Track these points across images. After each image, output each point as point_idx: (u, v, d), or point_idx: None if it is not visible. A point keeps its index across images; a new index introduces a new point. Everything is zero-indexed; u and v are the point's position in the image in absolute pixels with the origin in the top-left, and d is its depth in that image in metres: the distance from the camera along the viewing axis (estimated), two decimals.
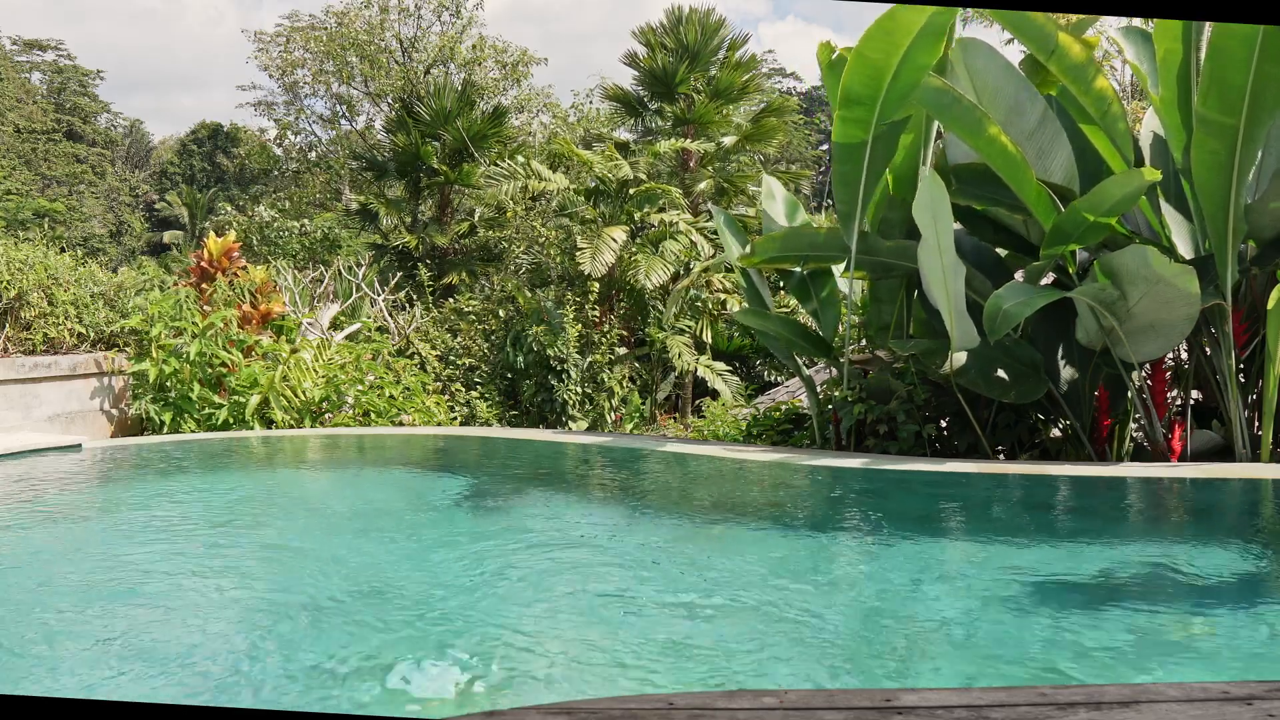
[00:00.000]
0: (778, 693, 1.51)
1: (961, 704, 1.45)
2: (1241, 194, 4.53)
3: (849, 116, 5.13)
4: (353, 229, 16.93)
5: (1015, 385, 5.01)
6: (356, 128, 23.23)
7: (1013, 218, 5.38)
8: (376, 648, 2.19)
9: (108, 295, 7.84)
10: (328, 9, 23.03)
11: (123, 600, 2.62)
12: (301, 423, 7.05)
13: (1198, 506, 4.03)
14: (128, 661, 2.15)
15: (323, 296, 10.71)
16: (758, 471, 4.68)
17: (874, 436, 5.42)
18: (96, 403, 7.14)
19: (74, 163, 36.76)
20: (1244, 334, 4.87)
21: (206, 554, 3.15)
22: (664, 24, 13.03)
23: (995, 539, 3.36)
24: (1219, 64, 4.24)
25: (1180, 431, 4.89)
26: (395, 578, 2.82)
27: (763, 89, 14.73)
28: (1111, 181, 4.47)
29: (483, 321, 10.02)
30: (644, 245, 10.01)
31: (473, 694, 1.93)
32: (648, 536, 3.43)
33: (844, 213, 5.45)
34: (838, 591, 2.71)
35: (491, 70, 21.01)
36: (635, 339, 10.09)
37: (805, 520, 3.86)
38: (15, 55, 37.07)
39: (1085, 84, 4.86)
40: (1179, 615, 2.50)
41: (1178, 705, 1.44)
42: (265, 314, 7.68)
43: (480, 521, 3.69)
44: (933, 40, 4.80)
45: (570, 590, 2.74)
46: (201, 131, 41.86)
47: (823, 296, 6.03)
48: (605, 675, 2.06)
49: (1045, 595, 2.61)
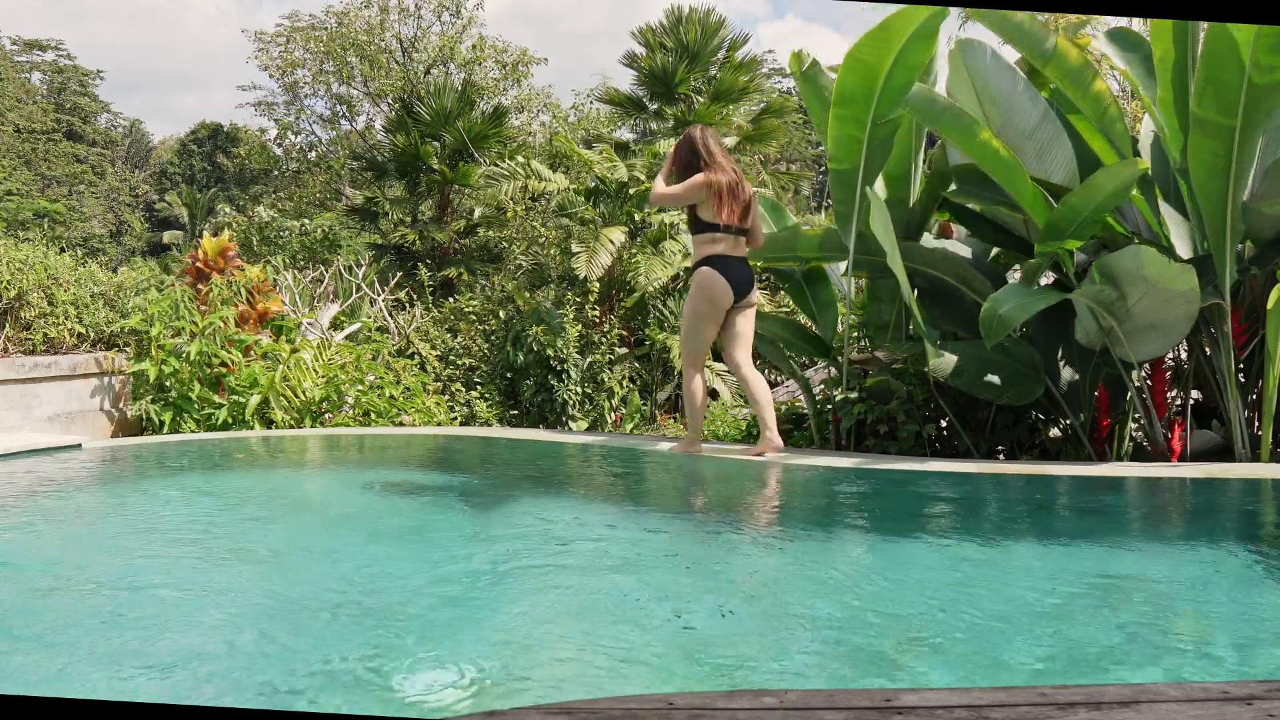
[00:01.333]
0: (778, 693, 1.51)
1: (961, 704, 1.45)
2: (1240, 194, 4.54)
3: (844, 115, 5.14)
4: (353, 229, 16.93)
5: (1013, 386, 5.01)
6: (356, 128, 23.24)
7: (1013, 217, 5.38)
8: (377, 647, 2.19)
9: (108, 295, 7.85)
10: (328, 9, 23.05)
11: (123, 600, 2.62)
12: (301, 423, 7.05)
13: (1198, 506, 4.03)
14: (128, 661, 2.15)
15: (323, 296, 10.71)
16: (755, 471, 4.68)
17: (874, 436, 5.43)
18: (96, 403, 7.15)
19: (74, 163, 36.77)
20: (1243, 334, 4.88)
21: (207, 553, 3.15)
22: (664, 24, 13.02)
23: (994, 539, 3.36)
24: (1214, 65, 4.25)
25: (1180, 431, 4.90)
26: (396, 577, 2.82)
27: (763, 89, 14.73)
28: (1102, 174, 4.48)
29: (483, 321, 10.02)
30: (644, 245, 10.01)
31: (473, 694, 1.93)
32: (644, 533, 3.43)
33: (841, 213, 5.45)
34: (837, 591, 2.71)
35: (491, 70, 21.01)
36: (635, 339, 10.09)
37: (803, 518, 3.86)
38: (15, 55, 37.08)
39: (1083, 87, 4.87)
40: (1179, 615, 2.50)
41: (1178, 705, 1.45)
42: (263, 313, 7.69)
43: (481, 520, 3.70)
44: (925, 41, 4.83)
45: (571, 589, 2.74)
46: (201, 131, 41.87)
47: (821, 297, 6.04)
48: (607, 675, 2.07)
49: (1045, 594, 2.61)
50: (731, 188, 4.83)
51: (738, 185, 4.85)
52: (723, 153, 4.91)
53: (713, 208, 4.84)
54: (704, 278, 4.90)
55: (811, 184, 24.92)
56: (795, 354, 6.14)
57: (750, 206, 4.95)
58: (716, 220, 4.85)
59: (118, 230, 37.87)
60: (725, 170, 4.83)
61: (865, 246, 5.46)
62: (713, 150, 4.87)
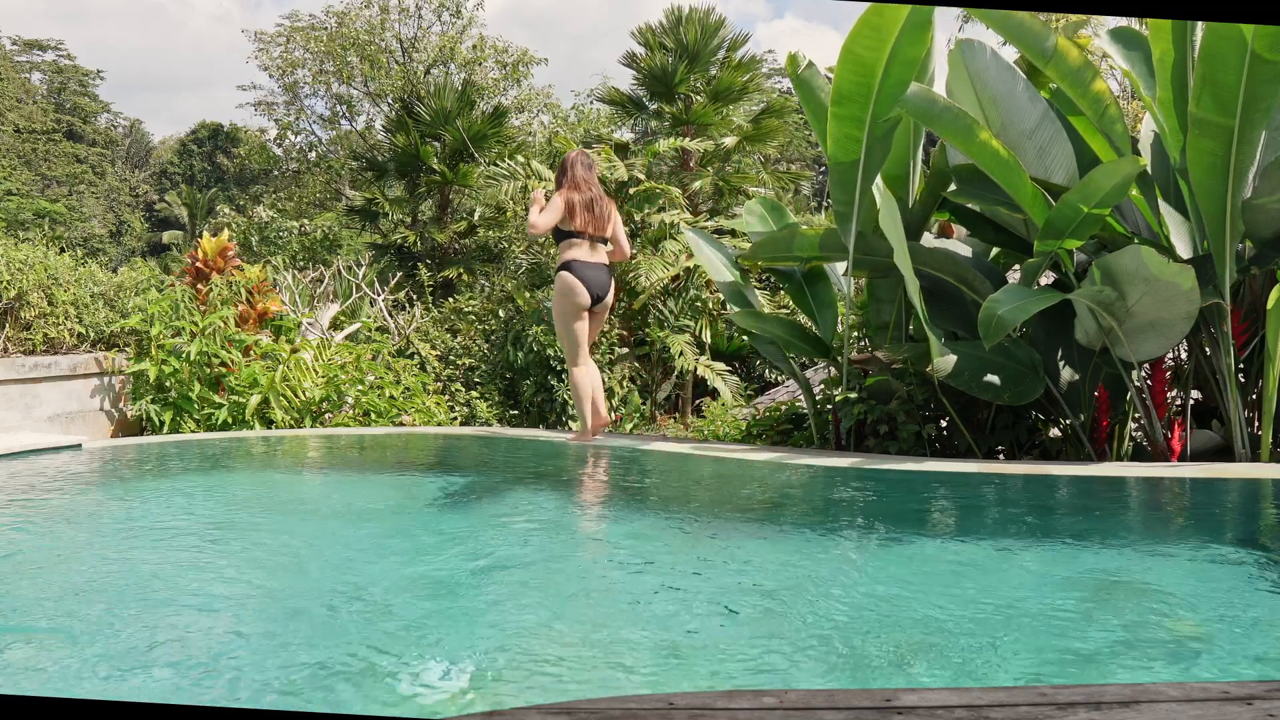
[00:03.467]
0: (778, 693, 1.51)
1: (961, 704, 1.45)
2: (1239, 193, 4.54)
3: (842, 114, 5.13)
4: (353, 229, 16.94)
5: (1013, 386, 5.01)
6: (356, 128, 23.23)
7: (1013, 217, 5.38)
8: (377, 647, 2.19)
9: (107, 295, 7.85)
10: (328, 9, 23.05)
11: (123, 599, 2.62)
12: (301, 423, 7.05)
13: (1197, 506, 4.03)
14: (128, 661, 2.15)
15: (322, 296, 10.71)
16: (752, 470, 4.69)
17: (874, 436, 5.43)
18: (96, 402, 7.15)
19: (74, 163, 36.76)
20: (1243, 334, 4.88)
21: (208, 553, 3.16)
22: (664, 24, 13.02)
23: (994, 539, 3.36)
24: (1212, 65, 4.25)
25: (1180, 431, 4.90)
26: (395, 577, 2.82)
27: (763, 89, 14.73)
28: (1099, 171, 4.48)
29: (483, 321, 10.02)
30: (643, 245, 10.01)
31: (473, 694, 1.93)
32: (644, 533, 3.43)
33: (841, 213, 5.45)
34: (838, 590, 2.71)
35: (491, 70, 21.01)
36: (635, 339, 10.09)
37: (803, 518, 3.86)
38: (15, 55, 37.07)
39: (1083, 87, 4.86)
40: (1178, 615, 2.50)
41: (1178, 705, 1.45)
42: (263, 313, 7.69)
43: (481, 520, 3.70)
44: (918, 32, 4.82)
45: (570, 589, 2.74)
46: (201, 131, 41.85)
47: (821, 297, 6.04)
48: (607, 674, 2.07)
49: (1044, 594, 2.61)
50: (586, 203, 5.50)
51: (593, 202, 5.53)
52: (585, 175, 5.56)
53: (571, 219, 5.50)
54: (561, 282, 5.53)
55: (811, 184, 24.93)
56: (795, 354, 6.14)
57: (609, 220, 5.60)
58: (573, 228, 5.50)
59: (118, 230, 37.87)
60: (583, 189, 5.51)
61: (865, 246, 5.46)
62: (576, 174, 5.55)
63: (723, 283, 6.31)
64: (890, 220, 4.92)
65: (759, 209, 6.44)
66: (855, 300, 6.59)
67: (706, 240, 6.55)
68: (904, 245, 4.85)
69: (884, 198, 5.06)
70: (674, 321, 9.73)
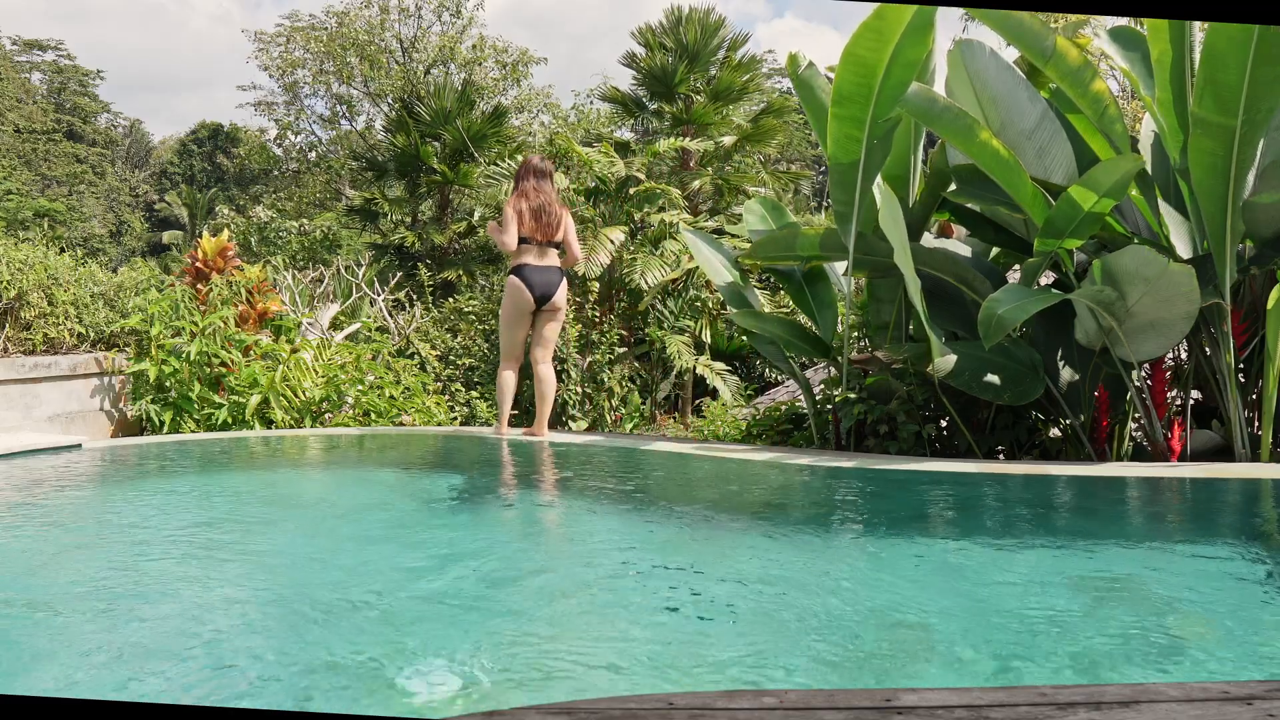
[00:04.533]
0: (778, 693, 1.51)
1: (961, 704, 1.45)
2: (1239, 193, 4.54)
3: (842, 115, 5.13)
4: (353, 229, 16.94)
5: (1013, 386, 5.01)
6: (356, 128, 23.24)
7: (1013, 217, 5.38)
8: (376, 647, 2.19)
9: (107, 295, 7.85)
10: (328, 9, 23.05)
11: (124, 599, 2.62)
12: (301, 423, 7.05)
13: (1197, 506, 4.03)
14: (128, 661, 2.15)
15: (322, 296, 10.71)
16: (752, 470, 4.69)
17: (874, 436, 5.43)
18: (96, 403, 7.15)
19: (74, 163, 36.75)
20: (1243, 334, 4.88)
21: (207, 553, 3.16)
22: (664, 24, 13.03)
23: (994, 539, 3.36)
24: (1213, 65, 4.25)
25: (1180, 431, 4.89)
26: (395, 577, 2.82)
27: (763, 89, 14.73)
28: (1099, 169, 4.48)
29: (483, 321, 10.02)
30: (643, 245, 10.01)
31: (472, 694, 1.93)
32: (643, 533, 3.43)
33: (841, 214, 5.45)
34: (838, 590, 2.71)
35: (491, 70, 21.01)
36: (635, 338, 10.09)
37: (803, 518, 3.86)
38: (15, 55, 37.06)
39: (1083, 87, 4.86)
40: (1178, 615, 2.50)
41: (1178, 705, 1.45)
42: (263, 313, 7.69)
43: (480, 520, 3.70)
44: (920, 35, 4.81)
45: (570, 589, 2.74)
46: (201, 131, 41.85)
47: (821, 297, 6.04)
48: (607, 674, 2.06)
49: (1044, 594, 2.61)
50: (535, 210, 5.71)
51: (542, 209, 5.73)
52: (536, 183, 5.76)
53: (520, 225, 5.72)
54: (508, 285, 5.81)
55: (811, 184, 24.93)
56: (795, 354, 6.14)
57: (560, 225, 5.78)
58: (522, 234, 5.72)
59: (118, 230, 37.87)
60: (531, 197, 5.72)
61: (865, 246, 5.46)
62: (526, 183, 5.77)
63: (722, 284, 6.31)
64: (891, 220, 4.92)
65: (759, 209, 6.44)
66: (855, 300, 6.58)
67: (705, 241, 6.55)
68: (905, 245, 4.85)
69: (885, 197, 5.06)
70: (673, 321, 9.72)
